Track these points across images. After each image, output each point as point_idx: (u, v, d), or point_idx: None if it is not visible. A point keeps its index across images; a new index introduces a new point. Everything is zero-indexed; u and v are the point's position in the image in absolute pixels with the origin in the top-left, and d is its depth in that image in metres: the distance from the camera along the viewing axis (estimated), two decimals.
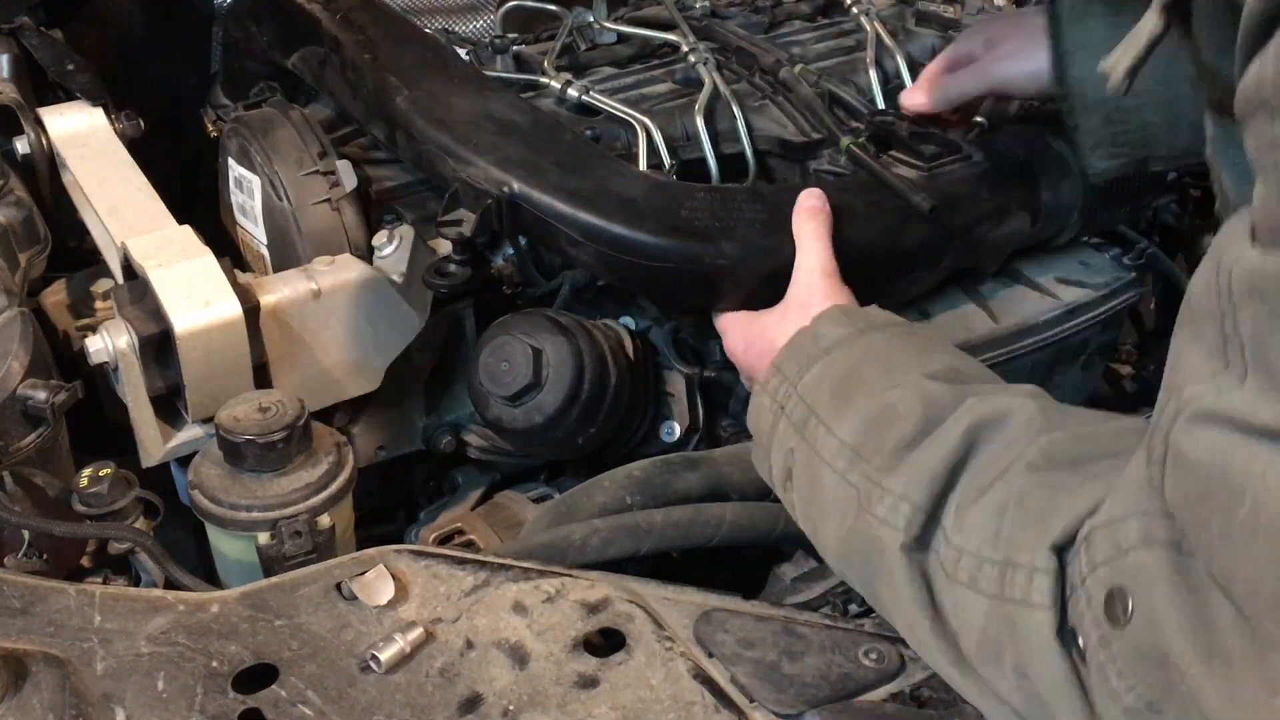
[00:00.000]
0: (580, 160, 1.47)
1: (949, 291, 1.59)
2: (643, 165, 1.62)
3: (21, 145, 1.73)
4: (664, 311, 1.58)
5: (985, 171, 1.54)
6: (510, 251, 1.54)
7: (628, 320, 1.59)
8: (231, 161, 1.67)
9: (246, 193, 1.64)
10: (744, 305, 1.48)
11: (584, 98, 1.69)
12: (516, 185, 1.44)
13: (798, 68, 1.75)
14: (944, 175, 1.51)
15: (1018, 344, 1.54)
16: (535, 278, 1.64)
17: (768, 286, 1.42)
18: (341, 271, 1.51)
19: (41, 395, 1.30)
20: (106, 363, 1.38)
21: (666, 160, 1.63)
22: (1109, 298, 1.62)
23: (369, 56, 1.61)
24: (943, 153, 1.53)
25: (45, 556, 1.24)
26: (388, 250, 1.58)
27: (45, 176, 1.74)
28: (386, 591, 1.10)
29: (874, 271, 1.45)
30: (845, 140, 1.57)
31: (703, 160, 1.67)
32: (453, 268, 1.48)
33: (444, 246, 1.51)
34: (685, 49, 1.79)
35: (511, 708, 1.01)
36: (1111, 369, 2.02)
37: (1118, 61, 0.87)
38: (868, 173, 1.50)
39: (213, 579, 1.27)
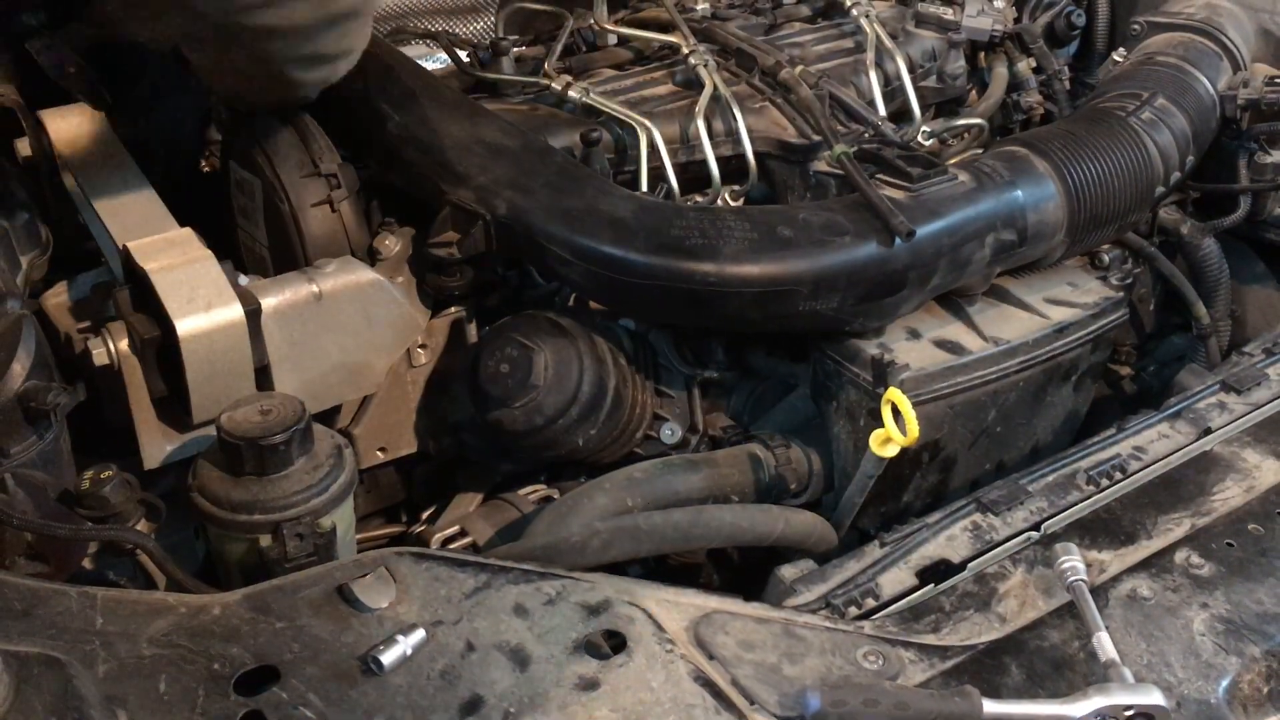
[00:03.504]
0: (570, 181, 1.48)
1: (938, 311, 1.59)
2: (643, 166, 1.63)
3: (23, 147, 1.73)
4: None
5: (971, 192, 1.55)
6: None
7: (627, 322, 1.60)
8: (233, 164, 1.67)
9: (248, 195, 1.64)
10: (732, 323, 1.48)
11: (585, 99, 1.69)
12: (506, 207, 1.45)
13: (798, 69, 1.75)
14: (930, 196, 1.52)
15: (1008, 363, 1.54)
16: (535, 280, 1.64)
17: (756, 305, 1.42)
18: (342, 274, 1.51)
19: (44, 397, 1.30)
20: (108, 365, 1.38)
21: (667, 161, 1.63)
22: (1097, 317, 1.63)
23: (359, 84, 1.62)
24: (930, 174, 1.53)
25: (47, 559, 1.24)
26: (388, 252, 1.58)
27: (46, 179, 1.74)
28: (388, 594, 1.11)
29: (863, 291, 1.46)
30: (838, 148, 1.57)
31: (703, 161, 1.67)
32: (454, 270, 1.49)
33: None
34: (685, 51, 1.79)
35: (512, 710, 1.01)
36: (1111, 369, 2.03)
37: None
38: (854, 188, 1.51)
39: (214, 581, 1.27)
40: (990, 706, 1.05)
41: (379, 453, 1.63)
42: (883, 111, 1.79)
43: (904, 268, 1.46)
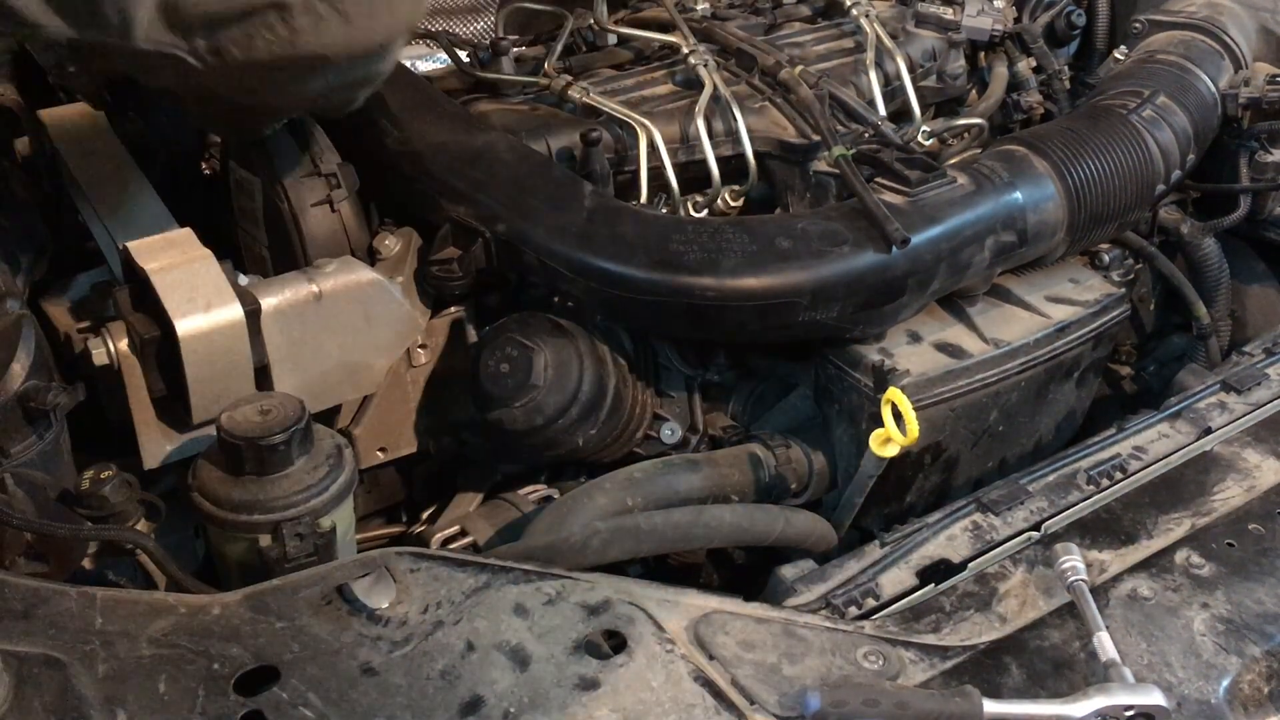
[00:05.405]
0: (569, 197, 1.48)
1: (939, 313, 1.59)
2: (643, 166, 1.63)
3: (22, 147, 1.73)
4: None
5: (970, 195, 1.55)
6: None
7: None
8: (233, 164, 1.67)
9: (248, 195, 1.64)
10: (732, 334, 1.48)
11: (584, 99, 1.69)
12: (505, 224, 1.45)
13: (797, 69, 1.75)
14: (929, 201, 1.52)
15: (1009, 364, 1.54)
16: (535, 280, 1.64)
17: (756, 317, 1.42)
18: (342, 273, 1.51)
19: (43, 397, 1.30)
20: (108, 365, 1.38)
21: (667, 161, 1.63)
22: (1099, 314, 1.63)
23: None
24: (928, 178, 1.53)
25: (47, 559, 1.24)
26: (389, 252, 1.58)
27: (46, 179, 1.74)
28: (388, 593, 1.11)
29: (863, 300, 1.46)
30: (836, 150, 1.57)
31: (703, 161, 1.67)
32: (454, 266, 1.49)
33: None
34: (685, 51, 1.79)
35: (512, 710, 1.01)
36: (1111, 369, 2.03)
37: None
38: (851, 193, 1.51)
39: (214, 581, 1.27)
40: (990, 706, 1.05)
41: (379, 453, 1.63)
42: (883, 111, 1.79)
43: (903, 275, 1.46)
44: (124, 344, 1.38)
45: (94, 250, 1.67)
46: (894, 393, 1.32)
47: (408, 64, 1.76)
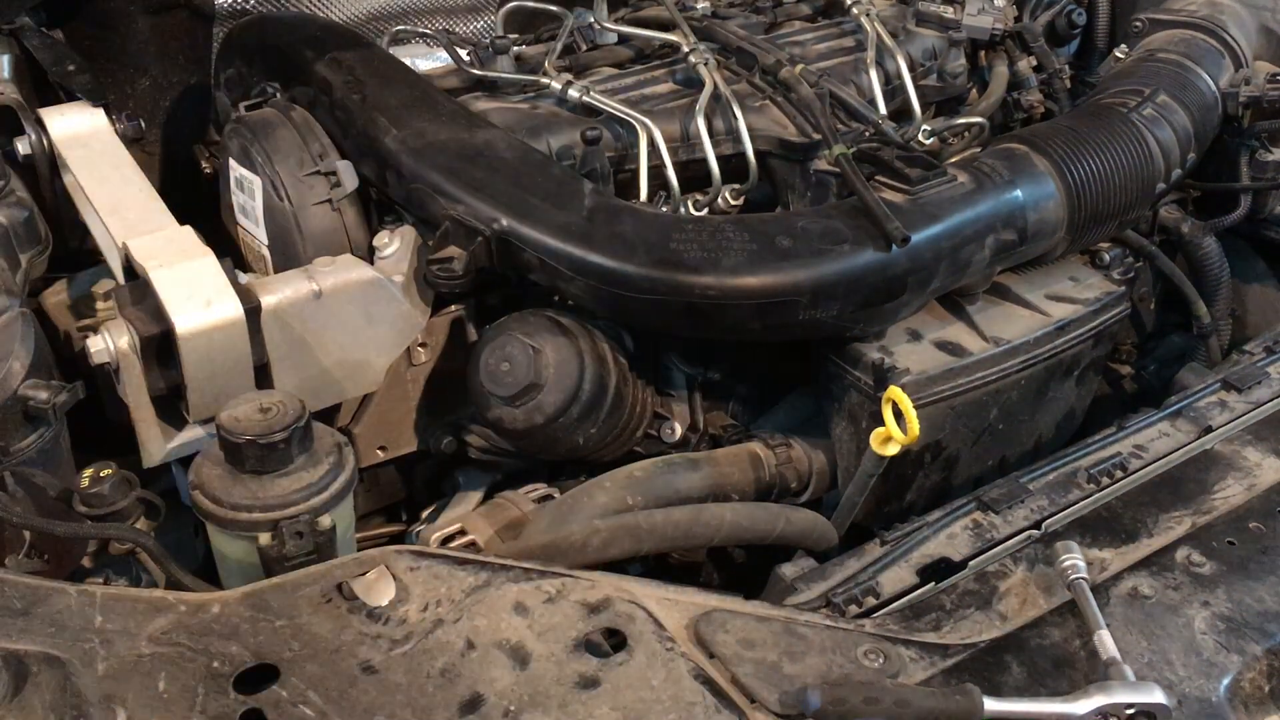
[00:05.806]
0: (569, 195, 1.48)
1: (939, 312, 1.59)
2: (643, 164, 1.63)
3: (23, 146, 1.73)
4: None
5: (970, 193, 1.55)
6: None
7: None
8: (233, 162, 1.67)
9: (248, 193, 1.64)
10: (732, 333, 1.48)
11: (585, 98, 1.69)
12: (505, 222, 1.46)
13: (798, 68, 1.75)
14: (929, 199, 1.52)
15: (1009, 363, 1.54)
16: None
17: (756, 315, 1.42)
18: (342, 272, 1.51)
19: (43, 395, 1.30)
20: (108, 363, 1.38)
21: (667, 160, 1.63)
22: (1099, 313, 1.63)
23: (358, 97, 1.62)
24: (929, 176, 1.53)
25: (46, 557, 1.24)
26: (389, 250, 1.58)
27: (46, 177, 1.74)
28: (387, 592, 1.10)
29: (863, 298, 1.45)
30: (836, 149, 1.57)
31: (703, 160, 1.67)
32: (454, 266, 1.49)
33: None
34: (686, 49, 1.79)
35: (512, 708, 1.01)
36: (1111, 367, 2.03)
37: None
38: (852, 191, 1.51)
39: (214, 579, 1.27)
40: (991, 704, 1.05)
41: (379, 451, 1.63)
42: (883, 110, 1.79)
43: (903, 273, 1.46)
44: (124, 342, 1.38)
45: (94, 249, 1.67)
46: (894, 391, 1.32)
47: (408, 63, 1.76)
